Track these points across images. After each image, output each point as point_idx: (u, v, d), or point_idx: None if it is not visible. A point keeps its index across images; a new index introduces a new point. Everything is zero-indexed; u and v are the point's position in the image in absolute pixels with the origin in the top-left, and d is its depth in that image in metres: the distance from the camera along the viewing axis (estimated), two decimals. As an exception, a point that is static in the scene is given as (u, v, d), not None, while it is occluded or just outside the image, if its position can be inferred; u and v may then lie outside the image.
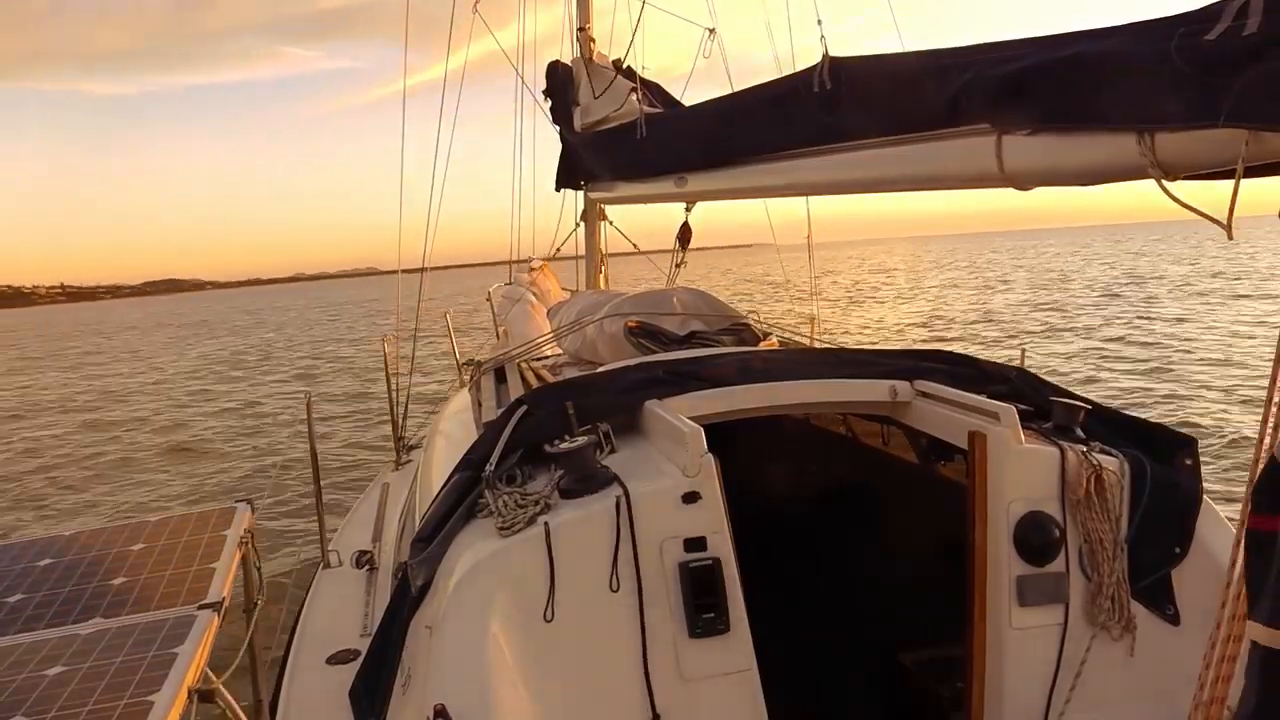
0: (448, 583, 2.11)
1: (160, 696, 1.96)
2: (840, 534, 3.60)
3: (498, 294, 6.29)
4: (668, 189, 4.39)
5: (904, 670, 2.88)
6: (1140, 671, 2.29)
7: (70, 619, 2.48)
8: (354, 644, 3.16)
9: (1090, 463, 2.33)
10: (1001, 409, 2.40)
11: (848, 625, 3.35)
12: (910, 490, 3.22)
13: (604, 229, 6.70)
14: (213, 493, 11.28)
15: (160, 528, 3.07)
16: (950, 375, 2.76)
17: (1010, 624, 2.28)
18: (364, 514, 4.99)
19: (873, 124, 2.74)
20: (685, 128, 4.18)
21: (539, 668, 1.98)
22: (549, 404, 2.58)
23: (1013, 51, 2.14)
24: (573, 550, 2.06)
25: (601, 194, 5.87)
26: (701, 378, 2.70)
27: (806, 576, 3.57)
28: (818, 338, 5.50)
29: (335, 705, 2.55)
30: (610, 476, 2.19)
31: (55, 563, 2.87)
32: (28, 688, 2.06)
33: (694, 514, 2.12)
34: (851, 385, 2.75)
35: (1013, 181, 2.24)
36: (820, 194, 3.60)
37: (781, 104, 3.15)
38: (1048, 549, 2.29)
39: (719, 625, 2.07)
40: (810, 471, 3.98)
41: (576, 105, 5.75)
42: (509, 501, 2.20)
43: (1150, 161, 1.80)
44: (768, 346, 3.71)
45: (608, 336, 3.78)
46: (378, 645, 2.36)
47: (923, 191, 2.84)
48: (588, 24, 6.32)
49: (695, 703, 2.05)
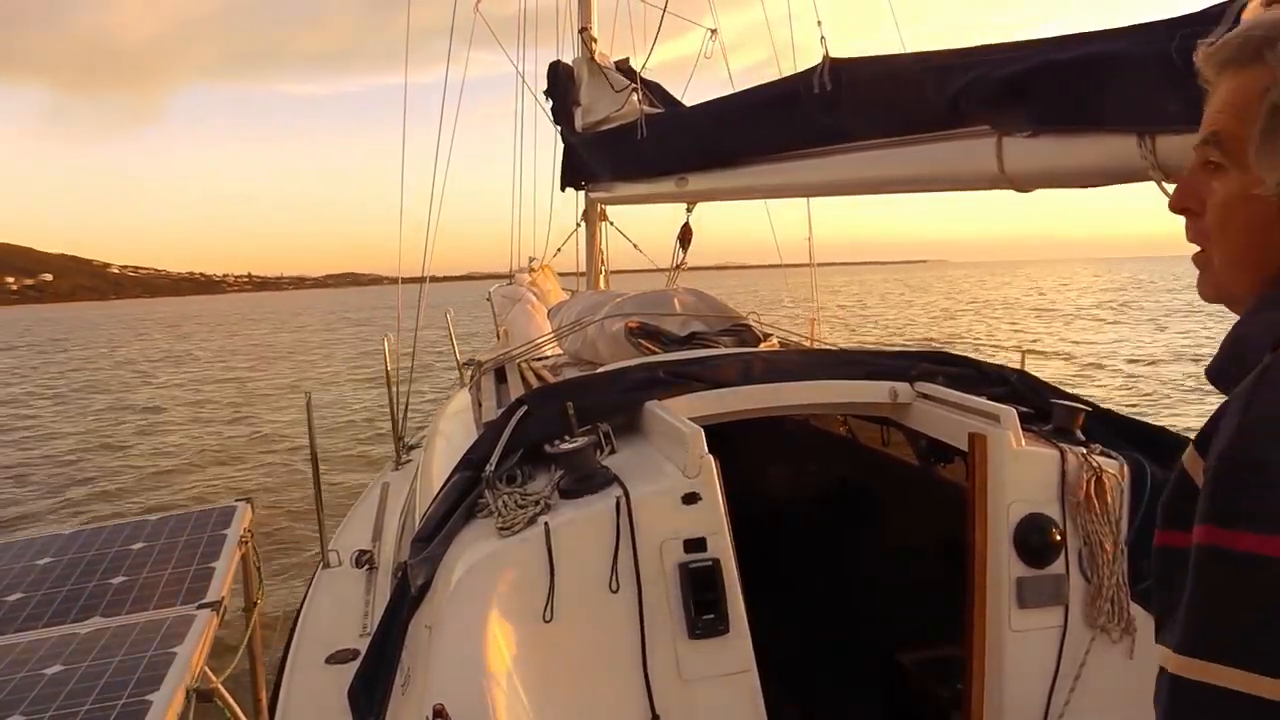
0: (448, 582, 2.11)
1: (159, 696, 1.96)
2: (840, 535, 3.60)
3: (498, 294, 6.28)
4: (668, 189, 4.39)
5: (903, 671, 2.88)
6: (1139, 674, 2.29)
7: (69, 618, 2.48)
8: (353, 644, 3.16)
9: (1090, 465, 2.33)
10: (1002, 411, 2.40)
11: (847, 626, 3.35)
12: (910, 491, 3.22)
13: (604, 229, 6.70)
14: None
15: (160, 527, 3.07)
16: (950, 377, 2.76)
17: (1010, 626, 2.28)
18: (364, 514, 4.99)
19: (873, 125, 2.74)
20: (686, 128, 4.18)
21: (539, 668, 1.98)
22: (549, 404, 2.58)
23: (1013, 53, 2.14)
24: (573, 550, 2.06)
25: (602, 194, 5.87)
26: (702, 378, 2.70)
27: (806, 577, 3.57)
28: (818, 339, 5.50)
29: (334, 705, 2.54)
30: (610, 477, 2.19)
31: (55, 561, 2.87)
32: (26, 686, 2.06)
33: (694, 515, 2.12)
34: (852, 386, 2.75)
35: (1013, 183, 2.24)
36: (820, 194, 3.61)
37: (782, 105, 3.15)
38: (1047, 551, 2.29)
39: (719, 626, 2.07)
40: (810, 472, 3.97)
41: (577, 105, 5.75)
42: (509, 501, 2.20)
43: (1151, 163, 1.81)
44: (768, 347, 3.70)
45: (608, 337, 3.78)
46: (377, 645, 2.36)
47: (923, 193, 2.84)
48: (589, 24, 6.32)
49: (695, 703, 2.05)
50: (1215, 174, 0.89)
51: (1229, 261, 0.90)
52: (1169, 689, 0.75)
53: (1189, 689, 0.73)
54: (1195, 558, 0.74)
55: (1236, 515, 0.72)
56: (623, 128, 4.87)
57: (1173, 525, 0.83)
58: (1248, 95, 0.84)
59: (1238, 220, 0.87)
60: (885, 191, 2.97)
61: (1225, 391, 0.84)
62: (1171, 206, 0.94)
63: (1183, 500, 0.81)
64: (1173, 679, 0.74)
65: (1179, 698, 0.74)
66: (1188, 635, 0.74)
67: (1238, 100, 0.86)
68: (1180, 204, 0.93)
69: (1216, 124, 0.88)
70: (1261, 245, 0.86)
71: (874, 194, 3.07)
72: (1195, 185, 0.92)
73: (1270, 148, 0.83)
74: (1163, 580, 0.83)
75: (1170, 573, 0.81)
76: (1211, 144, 0.88)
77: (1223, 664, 0.71)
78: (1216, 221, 0.89)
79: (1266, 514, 0.71)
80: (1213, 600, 0.73)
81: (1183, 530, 0.79)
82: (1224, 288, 0.91)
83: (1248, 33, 0.86)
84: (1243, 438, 0.74)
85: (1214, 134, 0.88)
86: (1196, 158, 0.91)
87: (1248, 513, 0.72)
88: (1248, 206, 0.85)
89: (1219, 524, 0.73)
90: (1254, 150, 0.84)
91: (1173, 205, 0.94)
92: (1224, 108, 0.87)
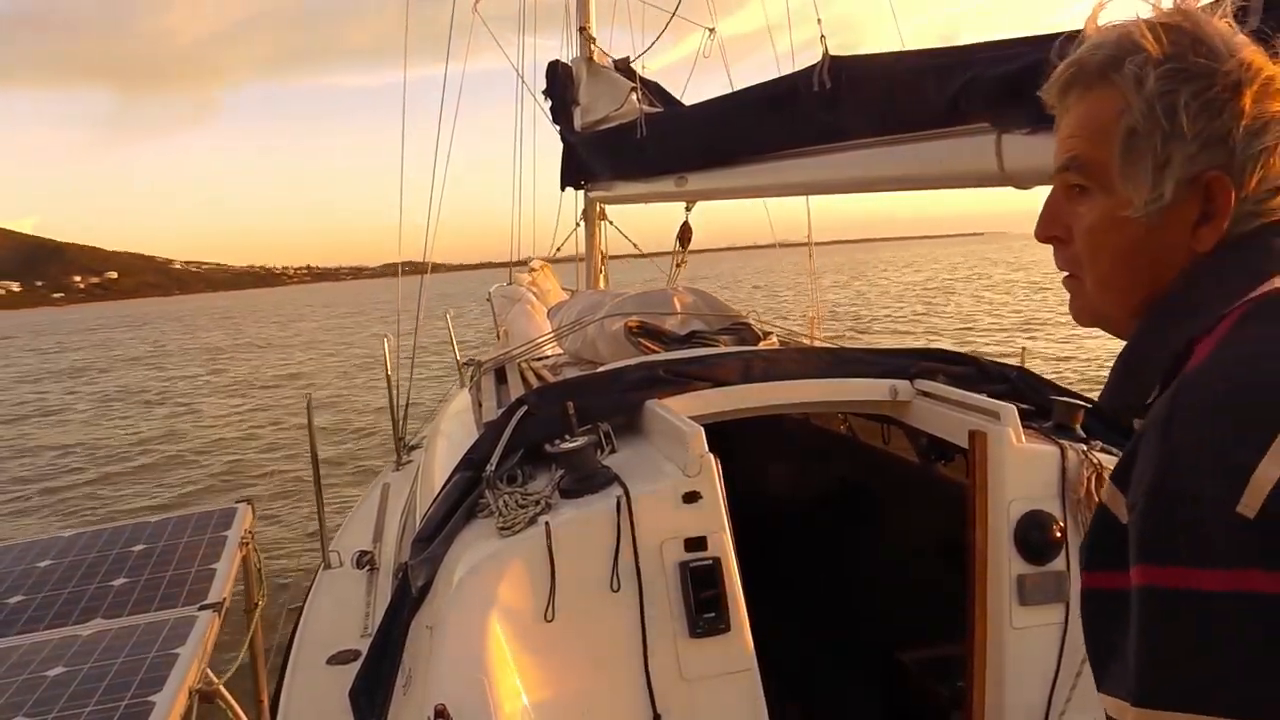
0: (448, 582, 2.11)
1: (161, 697, 1.96)
2: (840, 533, 3.60)
3: (498, 294, 6.28)
4: (668, 188, 4.39)
5: (904, 670, 2.88)
6: None
7: (71, 620, 2.48)
8: (354, 644, 3.16)
9: (1091, 461, 2.33)
10: (1002, 408, 2.40)
11: (848, 624, 3.35)
12: (910, 489, 3.22)
13: (603, 229, 6.71)
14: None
15: (160, 528, 3.07)
16: (950, 374, 2.76)
17: (1011, 623, 2.28)
18: (364, 514, 4.98)
19: (872, 123, 2.74)
20: (685, 127, 4.18)
21: (540, 668, 1.98)
22: (549, 404, 2.58)
23: (1012, 50, 2.14)
24: (573, 550, 2.06)
25: (601, 193, 5.87)
26: (702, 377, 2.70)
27: (807, 576, 3.57)
28: (818, 337, 5.50)
29: (336, 705, 2.54)
30: (611, 476, 2.19)
31: (56, 564, 2.87)
32: (29, 689, 2.06)
33: (694, 514, 2.12)
34: (852, 385, 2.75)
35: (1013, 180, 2.24)
36: (820, 193, 3.61)
37: (781, 103, 3.15)
38: (1048, 548, 2.29)
39: (719, 625, 2.07)
40: (811, 471, 3.97)
41: (576, 105, 5.76)
42: (509, 501, 2.20)
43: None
44: (768, 346, 3.70)
45: (608, 336, 3.78)
46: (378, 645, 2.36)
47: (922, 190, 2.84)
48: (588, 23, 6.32)
49: (696, 702, 2.05)
50: (1079, 198, 0.87)
51: (1102, 285, 0.88)
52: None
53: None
54: (1136, 600, 0.71)
55: (1171, 551, 0.69)
56: (622, 127, 4.88)
57: (1095, 566, 0.80)
58: (1100, 118, 0.84)
59: (1108, 244, 0.86)
60: (885, 189, 2.97)
61: (1126, 421, 0.82)
62: (1038, 235, 0.92)
63: (1105, 539, 0.78)
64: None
65: None
66: (1143, 686, 0.69)
67: (1091, 124, 0.85)
68: (1047, 233, 0.91)
69: (1073, 149, 0.86)
70: (1135, 267, 0.85)
71: (874, 192, 3.07)
72: (1059, 212, 0.90)
73: (1132, 170, 0.82)
74: (1092, 625, 0.80)
75: (1099, 617, 0.78)
76: (1072, 169, 0.87)
77: (1184, 712, 0.67)
78: (1086, 247, 0.88)
79: (1199, 547, 0.67)
80: (1162, 644, 0.69)
81: (1110, 570, 0.75)
82: (1099, 311, 0.90)
83: (1090, 54, 0.85)
84: (1166, 469, 0.70)
85: (1073, 159, 0.87)
86: (1057, 184, 0.90)
87: (1183, 547, 0.68)
88: (1117, 229, 0.84)
89: (1153, 562, 0.70)
90: (1117, 173, 0.83)
91: (1039, 234, 0.92)
92: (1078, 131, 0.86)
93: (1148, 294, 0.85)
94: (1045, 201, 0.92)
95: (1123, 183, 0.83)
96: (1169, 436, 0.71)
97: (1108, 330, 0.91)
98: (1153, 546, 0.70)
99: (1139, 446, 0.75)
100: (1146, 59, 0.81)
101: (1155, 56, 0.81)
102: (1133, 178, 0.82)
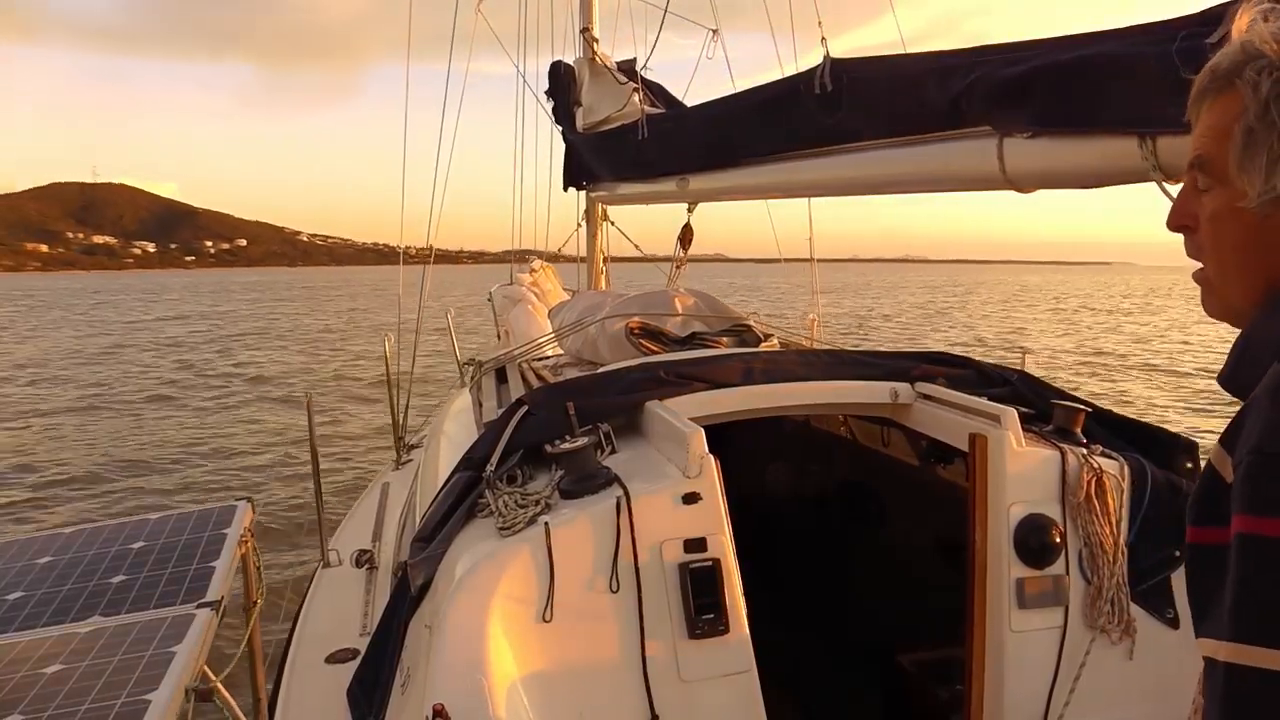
0: (448, 582, 2.11)
1: (158, 695, 1.96)
2: (840, 535, 3.60)
3: (498, 294, 6.28)
4: (669, 189, 4.39)
5: (903, 672, 2.88)
6: (1140, 674, 2.29)
7: (69, 617, 2.48)
8: (353, 643, 3.15)
9: (1091, 465, 2.33)
10: (1002, 411, 2.40)
11: (847, 626, 3.35)
12: (910, 492, 3.22)
13: (605, 229, 6.71)
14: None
15: (160, 526, 3.07)
16: (951, 377, 2.76)
17: (1010, 626, 2.28)
18: (364, 513, 4.98)
19: (874, 125, 2.74)
20: (687, 128, 4.18)
21: (539, 668, 1.98)
22: (550, 404, 2.58)
23: (1015, 54, 2.14)
24: (573, 550, 2.05)
25: (603, 194, 5.87)
26: (703, 379, 2.70)
27: (806, 577, 3.57)
28: (819, 339, 5.50)
29: (334, 704, 2.54)
30: (611, 477, 2.19)
31: (55, 560, 2.87)
32: (25, 685, 2.06)
33: (694, 515, 2.12)
34: (852, 387, 2.75)
35: (1014, 184, 2.24)
36: (821, 195, 3.61)
37: (783, 105, 3.15)
38: (1048, 551, 2.29)
39: (719, 626, 2.07)
40: (811, 473, 3.97)
41: (578, 105, 5.76)
42: (509, 501, 2.20)
43: (1152, 164, 1.81)
44: (769, 348, 3.70)
45: (609, 337, 3.77)
46: (377, 644, 2.36)
47: (924, 193, 2.84)
48: (590, 24, 6.32)
49: (694, 704, 2.05)
50: (1205, 193, 0.97)
51: (1223, 273, 0.97)
52: (1225, 678, 0.78)
53: (1246, 676, 0.76)
54: (1235, 547, 0.78)
55: (1271, 503, 0.77)
56: (624, 128, 4.87)
57: (1201, 522, 0.88)
58: (1225, 119, 0.93)
59: (1227, 232, 0.95)
60: (886, 192, 2.97)
61: (1239, 396, 0.89)
62: (1169, 225, 1.02)
63: (1211, 497, 0.86)
64: (1228, 668, 0.77)
65: (1236, 685, 0.77)
66: (1239, 623, 0.77)
67: (1216, 124, 0.94)
68: (1177, 222, 1.01)
69: (1200, 148, 0.96)
70: (1250, 255, 0.93)
71: (875, 194, 3.07)
72: (1188, 204, 1.00)
73: (1248, 164, 0.90)
74: (1194, 576, 0.88)
75: (1201, 569, 0.86)
76: (1197, 167, 0.96)
77: (1275, 649, 0.74)
78: (1209, 235, 0.97)
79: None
80: (1257, 586, 0.77)
81: (1212, 526, 0.83)
82: (1226, 301, 0.98)
83: (1219, 61, 0.95)
84: (1271, 430, 0.79)
85: (1199, 158, 0.96)
86: (1187, 180, 1.00)
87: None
88: (1235, 219, 0.93)
89: (1254, 513, 0.78)
90: (1234, 166, 0.92)
91: (1170, 224, 1.02)
92: (1206, 132, 0.96)
93: (1266, 285, 0.93)
94: (1177, 194, 1.02)
95: (1239, 176, 0.91)
96: (1277, 404, 0.80)
97: (1235, 323, 0.98)
98: (1254, 499, 0.78)
99: (1249, 411, 0.83)
100: (1266, 65, 0.89)
101: (1274, 62, 0.89)
102: (1248, 171, 0.90)
